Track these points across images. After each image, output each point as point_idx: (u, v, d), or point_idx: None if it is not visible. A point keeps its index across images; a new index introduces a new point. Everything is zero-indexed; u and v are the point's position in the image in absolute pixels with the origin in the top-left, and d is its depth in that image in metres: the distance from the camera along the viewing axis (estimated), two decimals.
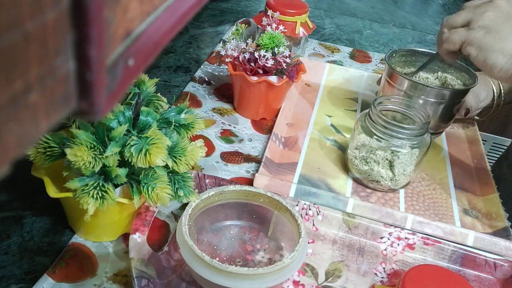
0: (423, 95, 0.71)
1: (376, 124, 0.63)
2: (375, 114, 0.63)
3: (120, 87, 0.18)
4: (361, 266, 0.57)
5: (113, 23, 0.17)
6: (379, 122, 0.63)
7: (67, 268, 0.51)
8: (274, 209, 0.56)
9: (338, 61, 1.01)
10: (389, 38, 1.16)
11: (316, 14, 1.23)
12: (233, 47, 0.73)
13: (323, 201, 0.62)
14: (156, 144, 0.44)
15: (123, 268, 0.52)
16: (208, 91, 0.85)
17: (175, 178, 0.49)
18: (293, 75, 0.73)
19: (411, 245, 0.59)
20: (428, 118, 0.64)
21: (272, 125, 0.78)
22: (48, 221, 0.56)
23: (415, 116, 0.66)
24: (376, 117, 0.63)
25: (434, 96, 0.71)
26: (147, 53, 0.20)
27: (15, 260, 0.51)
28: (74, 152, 0.42)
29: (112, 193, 0.45)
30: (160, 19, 0.20)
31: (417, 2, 1.40)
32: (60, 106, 0.16)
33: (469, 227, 0.64)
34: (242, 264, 0.54)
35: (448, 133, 0.83)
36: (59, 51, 0.15)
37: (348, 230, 0.60)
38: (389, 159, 0.64)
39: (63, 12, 0.14)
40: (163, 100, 0.53)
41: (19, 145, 0.15)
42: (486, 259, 0.58)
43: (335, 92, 0.89)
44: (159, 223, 0.57)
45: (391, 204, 0.66)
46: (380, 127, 0.63)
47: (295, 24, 0.89)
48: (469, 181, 0.73)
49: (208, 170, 0.67)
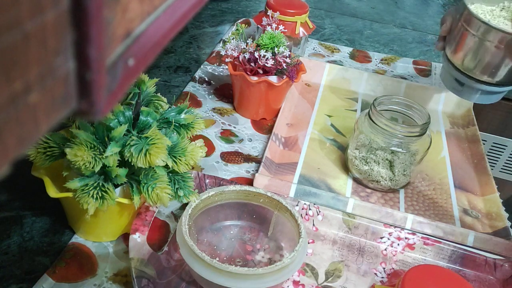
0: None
1: (376, 124, 0.63)
2: (375, 114, 0.63)
3: (120, 87, 0.18)
4: (361, 266, 0.57)
5: (113, 23, 0.17)
6: (379, 122, 0.63)
7: (67, 268, 0.51)
8: (274, 209, 0.56)
9: (338, 61, 1.01)
10: (390, 38, 1.16)
11: (316, 14, 1.23)
12: (233, 47, 0.73)
13: (323, 201, 0.62)
14: (156, 144, 0.44)
15: (123, 268, 0.52)
16: (208, 91, 0.85)
17: (175, 178, 0.49)
18: (293, 75, 0.73)
19: (411, 245, 0.59)
20: (428, 118, 0.64)
21: (272, 125, 0.78)
22: (48, 221, 0.56)
23: (415, 116, 0.66)
24: (376, 117, 0.63)
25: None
26: (147, 53, 0.20)
27: (15, 260, 0.51)
28: (74, 152, 0.42)
29: (112, 193, 0.45)
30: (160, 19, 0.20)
31: (417, 2, 1.40)
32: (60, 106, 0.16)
33: (469, 227, 0.64)
34: (242, 264, 0.54)
35: (448, 133, 0.83)
36: (59, 51, 0.15)
37: (348, 230, 0.60)
38: (389, 159, 0.64)
39: (63, 12, 0.14)
40: (163, 100, 0.53)
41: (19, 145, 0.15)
42: (486, 259, 0.58)
43: (335, 92, 0.89)
44: (159, 223, 0.57)
45: (391, 204, 0.66)
46: (380, 127, 0.63)
47: (295, 24, 0.89)
48: (469, 181, 0.73)
49: (208, 170, 0.67)
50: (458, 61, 0.69)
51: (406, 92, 0.88)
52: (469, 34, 0.66)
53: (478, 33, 0.64)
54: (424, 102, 0.87)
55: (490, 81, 0.67)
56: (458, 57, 0.69)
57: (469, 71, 0.68)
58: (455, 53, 0.70)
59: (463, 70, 0.69)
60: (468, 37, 0.66)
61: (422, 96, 0.88)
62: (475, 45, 0.66)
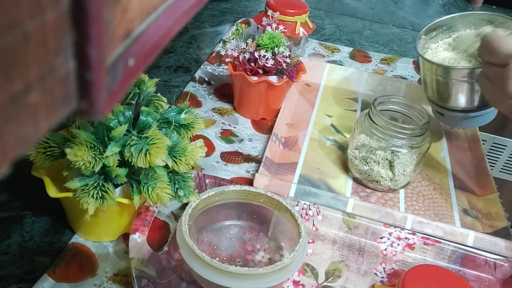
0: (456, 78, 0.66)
1: (376, 124, 0.63)
2: (375, 114, 0.63)
3: (120, 87, 0.18)
4: (361, 266, 0.57)
5: (113, 23, 0.17)
6: (379, 122, 0.63)
7: (67, 268, 0.51)
8: (274, 209, 0.56)
9: (338, 61, 1.01)
10: (389, 39, 1.16)
11: (316, 14, 1.23)
12: (233, 47, 0.73)
13: (323, 201, 0.62)
14: (156, 144, 0.44)
15: (123, 268, 0.52)
16: (208, 91, 0.85)
17: (175, 178, 0.49)
18: (293, 75, 0.73)
19: (411, 245, 0.59)
20: (428, 118, 0.64)
21: (272, 125, 0.78)
22: (48, 221, 0.56)
23: (415, 116, 0.66)
24: (376, 117, 0.63)
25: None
26: (147, 53, 0.20)
27: (15, 260, 0.51)
28: (74, 152, 0.42)
29: (112, 193, 0.45)
30: (160, 19, 0.20)
31: (417, 2, 1.40)
32: (60, 106, 0.16)
33: (469, 227, 0.64)
34: (242, 264, 0.54)
35: (448, 133, 0.83)
36: (59, 51, 0.15)
37: (348, 230, 0.60)
38: (389, 159, 0.64)
39: (63, 12, 0.14)
40: (163, 100, 0.53)
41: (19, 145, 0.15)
42: (486, 259, 0.58)
43: (335, 92, 0.89)
44: (159, 223, 0.57)
45: (391, 204, 0.66)
46: (380, 127, 0.63)
47: (295, 24, 0.89)
48: (469, 181, 0.73)
49: (208, 170, 0.67)
50: (434, 98, 0.72)
51: (406, 92, 0.88)
52: (433, 75, 0.69)
53: (439, 74, 0.67)
54: (424, 102, 0.87)
55: (471, 108, 0.69)
56: (432, 95, 0.72)
57: (448, 104, 0.70)
58: (429, 91, 0.72)
59: (441, 105, 0.71)
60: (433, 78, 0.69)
61: (422, 96, 0.87)
62: (442, 85, 0.68)
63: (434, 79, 0.69)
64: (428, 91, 0.73)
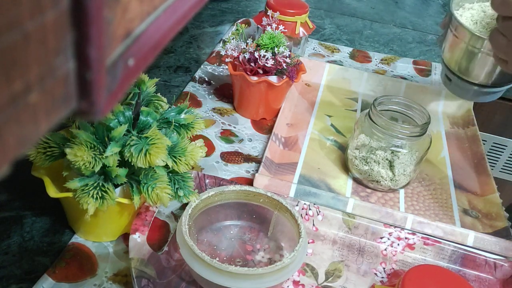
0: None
1: (376, 124, 0.63)
2: (375, 114, 0.63)
3: (120, 87, 0.18)
4: (361, 266, 0.57)
5: (113, 23, 0.17)
6: (379, 122, 0.63)
7: (67, 268, 0.51)
8: (274, 209, 0.56)
9: (338, 61, 1.01)
10: (389, 38, 1.16)
11: (316, 14, 1.22)
12: (233, 47, 0.73)
13: (323, 201, 0.62)
14: (156, 144, 0.44)
15: (123, 268, 0.52)
16: (208, 91, 0.85)
17: (175, 178, 0.49)
18: (293, 75, 0.73)
19: (411, 245, 0.59)
20: (428, 118, 0.64)
21: (272, 125, 0.78)
22: (48, 221, 0.56)
23: (415, 116, 0.66)
24: (376, 117, 0.63)
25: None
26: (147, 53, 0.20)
27: (15, 260, 0.51)
28: (74, 152, 0.42)
29: (112, 193, 0.45)
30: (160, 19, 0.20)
31: (417, 2, 1.40)
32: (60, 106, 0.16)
33: (469, 227, 0.64)
34: (242, 264, 0.54)
35: (448, 133, 0.83)
36: (59, 51, 0.15)
37: (348, 230, 0.60)
38: (389, 159, 0.64)
39: (63, 12, 0.14)
40: (163, 100, 0.53)
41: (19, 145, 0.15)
42: (486, 259, 0.58)
43: (335, 92, 0.89)
44: (159, 223, 0.57)
45: (391, 204, 0.66)
46: (380, 127, 0.63)
47: (295, 24, 0.89)
48: (469, 181, 0.73)
49: (208, 170, 0.67)
50: (451, 63, 0.69)
51: (406, 92, 0.88)
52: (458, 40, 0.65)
53: (465, 40, 0.64)
54: (424, 102, 0.87)
55: (485, 83, 0.66)
56: (450, 59, 0.69)
57: (461, 74, 0.67)
58: (448, 54, 0.69)
59: (456, 72, 0.68)
60: (457, 42, 0.66)
61: (422, 96, 0.88)
62: (464, 51, 0.65)
63: (460, 44, 0.65)
64: (446, 53, 0.69)
